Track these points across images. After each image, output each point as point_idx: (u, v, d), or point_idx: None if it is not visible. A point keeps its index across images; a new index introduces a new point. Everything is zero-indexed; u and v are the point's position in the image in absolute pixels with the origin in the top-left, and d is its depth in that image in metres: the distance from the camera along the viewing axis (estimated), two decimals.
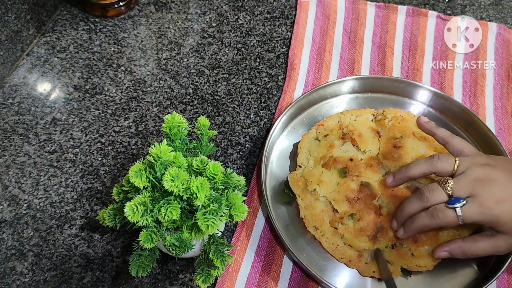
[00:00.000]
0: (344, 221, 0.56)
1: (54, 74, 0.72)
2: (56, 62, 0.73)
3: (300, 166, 0.62)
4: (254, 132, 0.69)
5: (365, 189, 0.58)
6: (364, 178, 0.59)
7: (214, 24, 0.80)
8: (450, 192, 0.50)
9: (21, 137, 0.66)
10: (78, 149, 0.65)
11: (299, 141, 0.65)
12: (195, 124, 0.53)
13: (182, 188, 0.43)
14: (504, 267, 0.54)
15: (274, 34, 0.79)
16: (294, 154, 0.64)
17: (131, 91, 0.71)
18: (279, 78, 0.74)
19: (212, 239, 0.48)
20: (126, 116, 0.69)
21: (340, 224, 0.57)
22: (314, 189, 0.59)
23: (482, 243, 0.51)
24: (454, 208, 0.49)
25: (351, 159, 0.60)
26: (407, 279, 0.56)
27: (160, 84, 0.73)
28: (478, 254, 0.52)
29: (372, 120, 0.65)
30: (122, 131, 0.67)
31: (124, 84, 0.72)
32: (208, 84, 0.73)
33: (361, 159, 0.60)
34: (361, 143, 0.62)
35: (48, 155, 0.64)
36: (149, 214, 0.44)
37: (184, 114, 0.70)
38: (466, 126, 0.68)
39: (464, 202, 0.49)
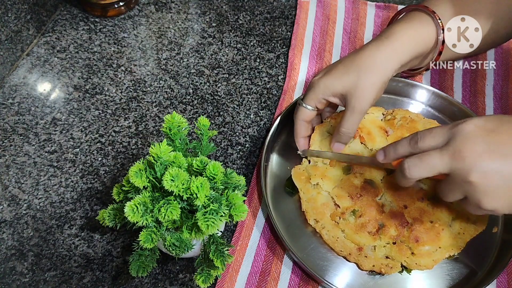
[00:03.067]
0: (345, 216, 0.57)
1: (54, 74, 0.72)
2: (56, 62, 0.73)
3: (309, 162, 0.62)
4: (254, 132, 0.69)
5: (369, 186, 0.58)
6: (368, 175, 0.59)
7: (214, 24, 0.80)
8: None
9: (21, 137, 0.66)
10: (78, 149, 0.65)
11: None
12: (195, 124, 0.53)
13: (182, 188, 0.43)
14: (504, 267, 0.55)
15: (274, 34, 0.79)
16: (294, 154, 0.64)
17: (131, 91, 0.71)
18: (279, 78, 0.74)
19: (212, 239, 0.48)
20: (126, 116, 0.69)
21: (341, 219, 0.57)
22: (317, 183, 0.59)
23: (345, 117, 0.57)
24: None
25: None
26: (407, 278, 0.56)
27: (160, 84, 0.73)
28: (348, 125, 0.57)
29: (382, 119, 0.66)
30: (122, 131, 0.67)
31: (124, 84, 0.72)
32: (208, 84, 0.73)
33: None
34: (369, 141, 0.62)
35: (48, 155, 0.64)
36: (149, 214, 0.44)
37: (184, 114, 0.70)
38: None
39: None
